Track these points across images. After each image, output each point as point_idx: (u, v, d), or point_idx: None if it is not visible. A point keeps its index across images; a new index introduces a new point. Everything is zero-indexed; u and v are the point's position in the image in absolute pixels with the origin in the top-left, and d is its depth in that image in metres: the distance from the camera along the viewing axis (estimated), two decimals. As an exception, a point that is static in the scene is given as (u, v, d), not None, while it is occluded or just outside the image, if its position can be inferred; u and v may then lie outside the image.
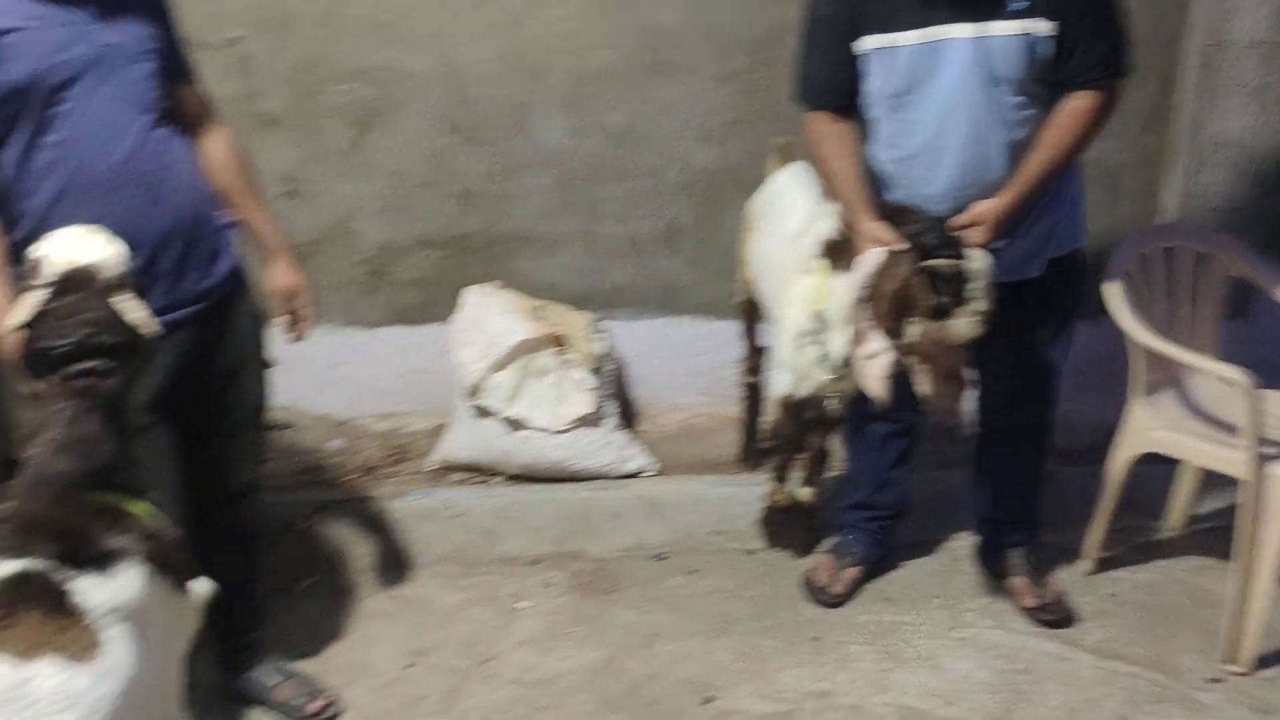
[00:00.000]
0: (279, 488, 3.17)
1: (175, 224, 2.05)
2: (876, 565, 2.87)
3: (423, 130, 3.25)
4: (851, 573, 2.81)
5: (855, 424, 2.78)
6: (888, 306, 2.25)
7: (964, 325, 2.24)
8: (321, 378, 3.38)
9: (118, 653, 1.46)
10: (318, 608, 2.76)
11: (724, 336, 3.45)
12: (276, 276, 2.28)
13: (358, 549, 2.94)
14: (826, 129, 2.42)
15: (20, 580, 1.44)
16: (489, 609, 2.77)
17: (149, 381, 1.82)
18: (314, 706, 2.38)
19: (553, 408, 3.08)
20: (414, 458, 3.33)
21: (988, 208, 2.32)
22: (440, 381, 3.38)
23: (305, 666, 2.51)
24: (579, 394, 3.10)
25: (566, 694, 2.48)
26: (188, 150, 2.11)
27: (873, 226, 2.31)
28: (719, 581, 2.88)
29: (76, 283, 1.58)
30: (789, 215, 2.81)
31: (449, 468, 3.25)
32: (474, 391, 3.11)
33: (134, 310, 1.61)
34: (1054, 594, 2.74)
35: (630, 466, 3.16)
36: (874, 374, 2.31)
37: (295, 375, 3.40)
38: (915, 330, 2.25)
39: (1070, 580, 2.84)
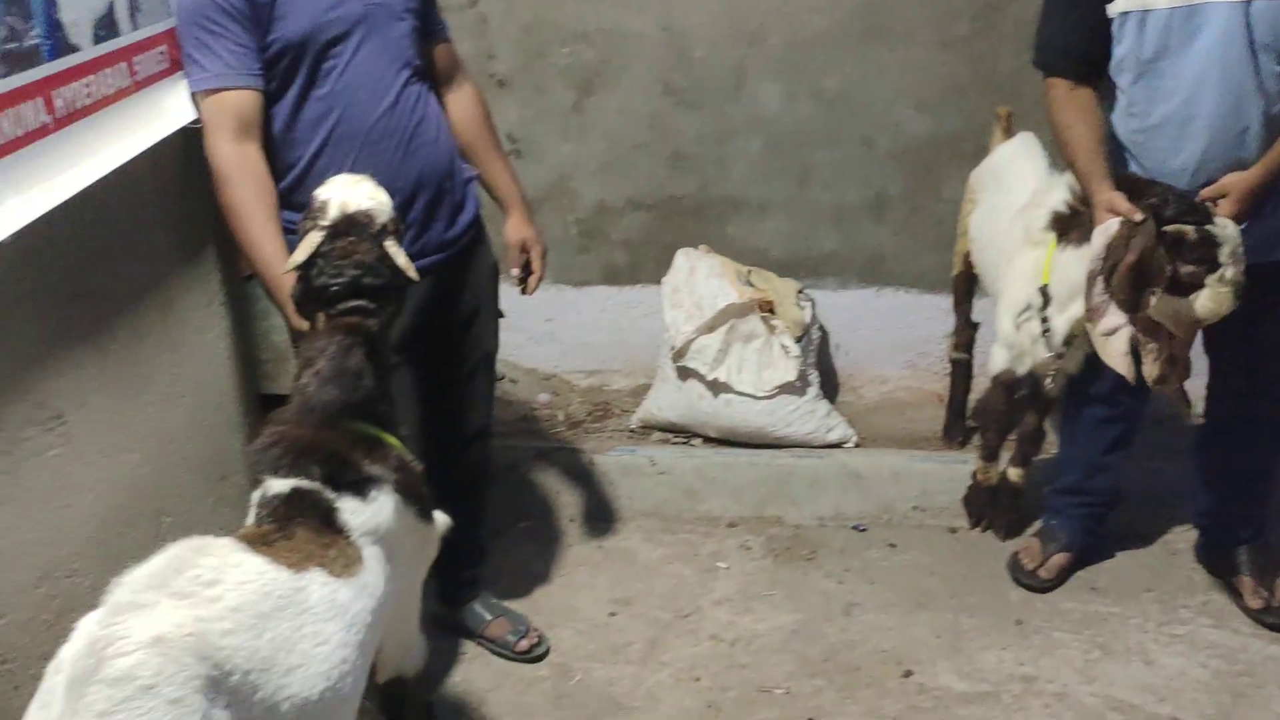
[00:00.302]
0: (498, 434, 3.33)
1: (425, 176, 2.16)
2: (1085, 553, 2.77)
3: (640, 92, 3.30)
4: (1059, 559, 2.73)
5: (1071, 406, 2.69)
6: (1125, 278, 2.16)
7: (1214, 297, 2.13)
8: (534, 332, 3.51)
9: (373, 571, 1.58)
10: (530, 551, 2.89)
11: (930, 310, 3.39)
12: (513, 229, 2.37)
13: (566, 498, 3.05)
14: (1066, 96, 2.33)
15: (294, 496, 1.57)
16: (689, 566, 2.83)
17: (398, 324, 1.94)
18: (524, 644, 2.50)
19: (757, 373, 3.10)
20: (616, 415, 3.42)
21: (1238, 179, 2.19)
22: (645, 342, 3.46)
23: (516, 606, 2.63)
24: (784, 361, 3.11)
25: (765, 653, 2.52)
26: (437, 106, 2.23)
27: (1112, 196, 2.22)
28: (918, 557, 2.86)
29: (352, 226, 1.69)
30: (1015, 187, 2.73)
31: (649, 427, 3.32)
32: (680, 353, 3.16)
33: (400, 255, 1.72)
34: None
35: (831, 436, 3.16)
36: (1116, 351, 2.23)
37: (509, 329, 3.53)
38: (1156, 304, 2.15)
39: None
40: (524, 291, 2.45)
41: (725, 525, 3.00)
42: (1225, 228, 2.14)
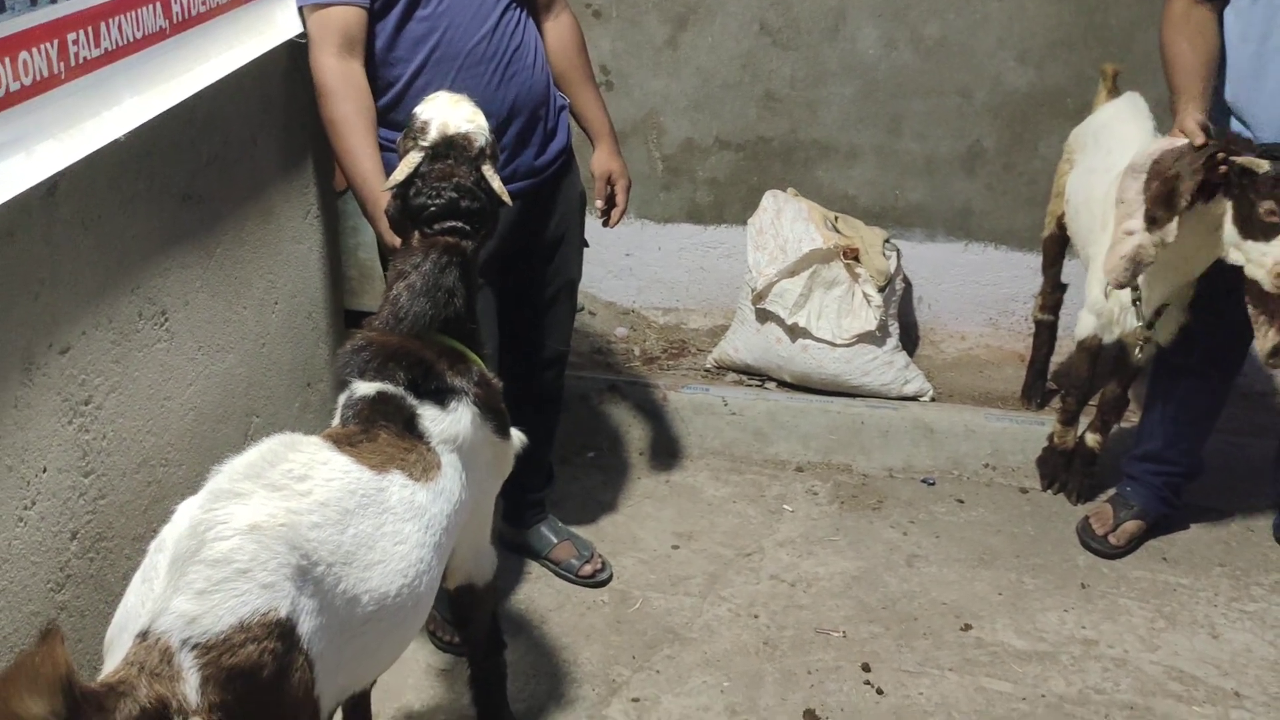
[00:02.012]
0: (572, 364, 3.37)
1: (520, 102, 2.18)
2: (1158, 523, 2.74)
3: (735, 30, 3.27)
4: (1131, 526, 2.70)
5: (1159, 375, 2.64)
6: (1159, 190, 2.14)
7: None
8: (614, 266, 3.53)
9: (450, 478, 1.63)
10: (597, 480, 2.94)
11: (1017, 268, 3.34)
12: (600, 160, 2.39)
13: (636, 431, 3.09)
14: (1182, 12, 2.28)
15: (378, 400, 1.62)
16: (754, 506, 2.86)
17: (486, 246, 1.97)
18: (588, 568, 2.56)
19: (837, 320, 3.09)
20: (691, 354, 3.43)
21: None
22: (724, 283, 3.46)
23: (581, 532, 2.68)
24: (865, 309, 3.09)
25: (824, 596, 2.55)
26: (535, 33, 2.24)
27: (1188, 117, 2.18)
28: (985, 514, 2.85)
29: (451, 149, 1.72)
30: (1115, 149, 2.65)
31: (724, 367, 3.33)
32: (761, 295, 3.16)
33: (495, 180, 1.74)
34: None
35: (908, 389, 3.14)
36: (1119, 251, 2.20)
37: (590, 261, 3.56)
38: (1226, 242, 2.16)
39: (1380, 571, 2.63)
40: (606, 224, 2.46)
41: (793, 469, 3.02)
42: None
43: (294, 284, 2.39)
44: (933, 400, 3.15)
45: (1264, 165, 2.09)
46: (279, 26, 2.13)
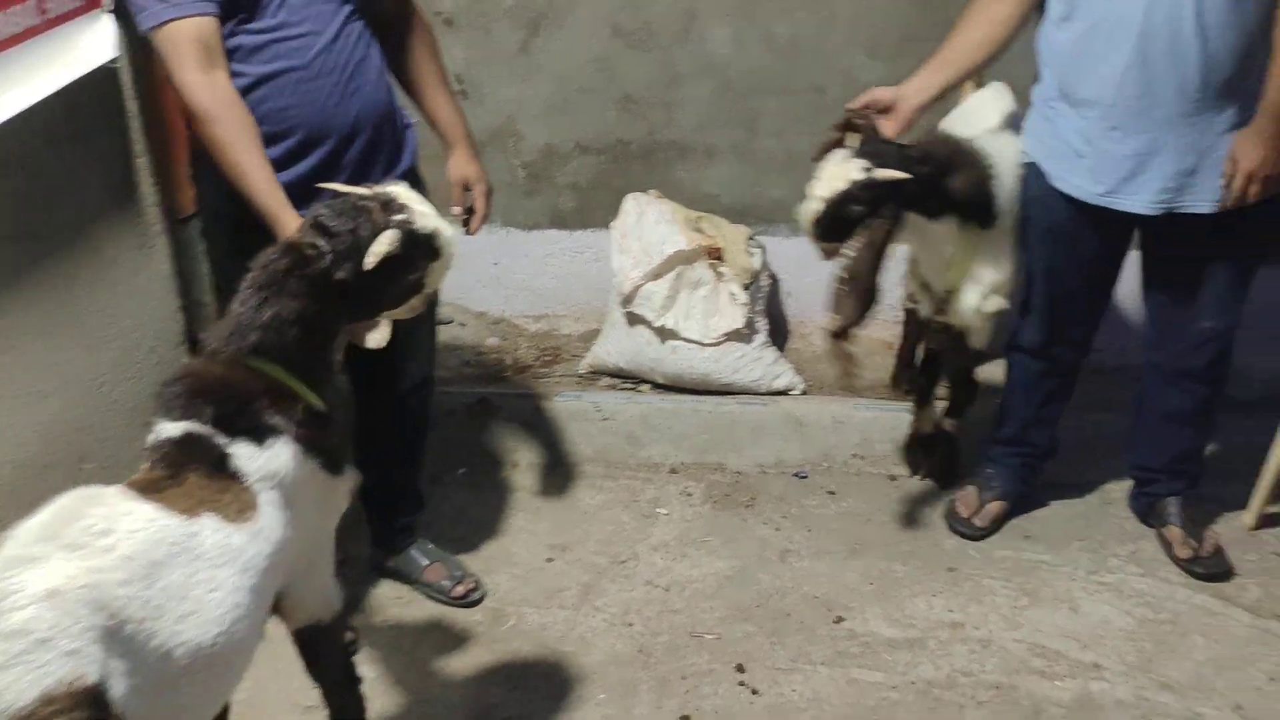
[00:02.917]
0: (440, 380, 3.32)
1: (362, 117, 2.12)
2: (1020, 502, 2.81)
3: (588, 34, 3.25)
4: (994, 507, 2.76)
5: (1009, 358, 2.70)
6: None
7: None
8: (481, 275, 3.49)
9: (270, 517, 1.57)
10: (469, 498, 2.90)
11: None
12: (457, 166, 2.34)
13: (508, 444, 3.06)
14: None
15: (185, 441, 1.55)
16: (628, 512, 2.85)
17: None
18: (460, 589, 2.52)
19: (704, 320, 3.10)
20: (566, 360, 3.41)
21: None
22: (594, 286, 3.44)
23: (454, 551, 2.64)
24: (731, 308, 3.11)
25: (698, 599, 2.55)
26: (376, 48, 2.17)
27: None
28: (856, 504, 2.88)
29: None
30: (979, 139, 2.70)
31: (598, 372, 3.32)
32: (628, 299, 3.15)
33: (382, 245, 1.71)
34: (1211, 546, 2.63)
35: (777, 384, 3.16)
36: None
37: (457, 272, 3.51)
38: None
39: (1232, 536, 2.73)
40: (467, 231, 2.42)
41: (667, 471, 3.02)
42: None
43: (132, 318, 2.31)
44: (803, 394, 3.18)
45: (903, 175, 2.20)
46: (86, 53, 2.03)
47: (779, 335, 3.42)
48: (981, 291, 2.50)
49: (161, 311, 2.41)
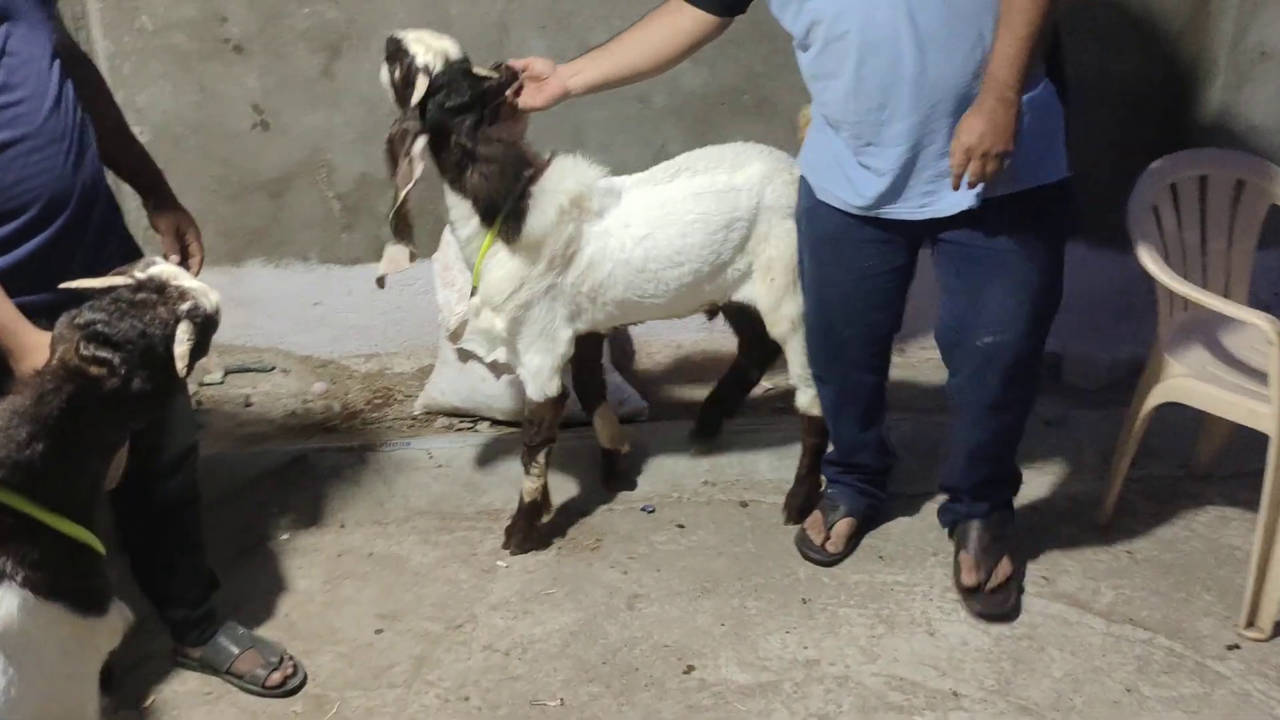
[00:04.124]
0: (258, 436, 3.08)
1: (97, 178, 1.92)
2: (870, 518, 2.71)
3: (395, 54, 3.03)
4: (843, 525, 2.65)
5: (819, 382, 2.59)
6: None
7: None
8: (302, 318, 3.26)
9: None
10: (287, 567, 2.66)
11: (723, 269, 3.25)
12: (164, 214, 2.13)
13: (331, 503, 2.84)
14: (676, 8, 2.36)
15: None
16: (465, 568, 2.66)
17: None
18: (276, 676, 2.30)
19: (535, 353, 2.92)
20: (399, 400, 3.21)
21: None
22: (425, 321, 3.25)
23: (270, 632, 2.42)
24: (563, 338, 2.93)
25: (541, 660, 2.38)
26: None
27: None
28: (706, 537, 2.74)
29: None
30: None
31: (433, 412, 3.12)
32: (455, 335, 2.96)
33: (182, 346, 1.53)
34: (1001, 577, 2.48)
35: (622, 411, 3.01)
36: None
37: (276, 315, 3.30)
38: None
39: (1084, 536, 2.68)
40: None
41: (507, 518, 2.83)
42: None
43: None
44: (649, 420, 3.04)
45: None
46: None
47: (624, 357, 3.27)
48: (479, 304, 2.45)
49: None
